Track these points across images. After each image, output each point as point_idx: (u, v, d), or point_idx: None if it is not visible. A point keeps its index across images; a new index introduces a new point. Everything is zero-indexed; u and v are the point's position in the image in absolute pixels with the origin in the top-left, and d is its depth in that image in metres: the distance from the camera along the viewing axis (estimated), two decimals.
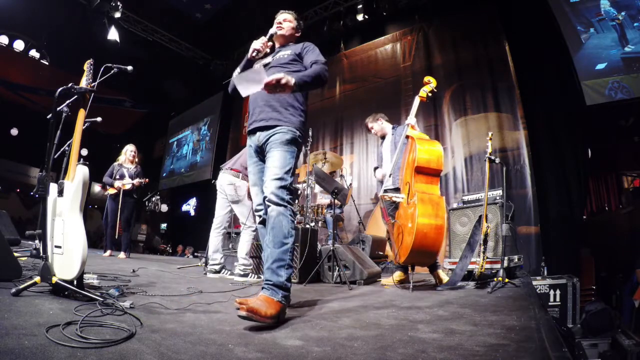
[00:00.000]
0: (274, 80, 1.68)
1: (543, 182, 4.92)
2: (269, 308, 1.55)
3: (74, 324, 1.24)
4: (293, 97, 2.03)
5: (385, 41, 7.18)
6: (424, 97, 3.16)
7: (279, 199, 1.83)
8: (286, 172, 1.89)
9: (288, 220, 1.82)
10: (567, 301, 3.58)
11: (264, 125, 1.98)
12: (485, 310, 1.91)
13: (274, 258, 1.74)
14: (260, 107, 2.03)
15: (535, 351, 1.21)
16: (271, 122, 1.97)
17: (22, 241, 4.28)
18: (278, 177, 1.87)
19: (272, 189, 1.85)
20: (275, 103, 2.00)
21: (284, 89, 1.73)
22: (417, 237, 2.59)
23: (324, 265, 3.48)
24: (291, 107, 2.01)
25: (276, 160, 1.91)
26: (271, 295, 1.64)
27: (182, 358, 1.08)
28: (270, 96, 1.96)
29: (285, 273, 1.72)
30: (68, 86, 1.85)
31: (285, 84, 1.72)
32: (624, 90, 4.45)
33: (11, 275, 1.88)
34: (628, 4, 4.51)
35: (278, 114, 1.98)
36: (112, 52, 7.37)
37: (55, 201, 1.78)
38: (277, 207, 1.83)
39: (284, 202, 1.84)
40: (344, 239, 5.76)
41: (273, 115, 1.98)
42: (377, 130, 3.73)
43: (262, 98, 2.02)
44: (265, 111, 2.00)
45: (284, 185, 1.87)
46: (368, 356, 1.17)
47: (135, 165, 5.39)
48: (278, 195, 1.84)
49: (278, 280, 1.69)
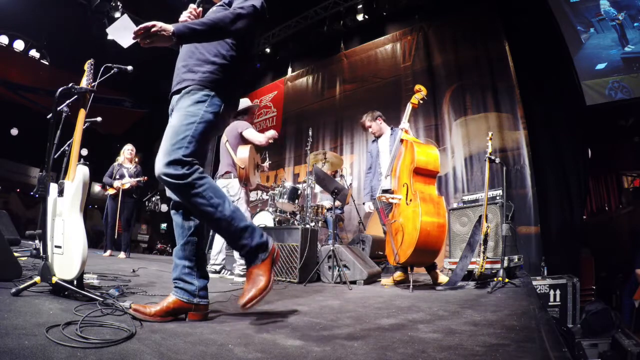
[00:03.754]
0: (141, 29, 1.42)
1: (543, 182, 4.92)
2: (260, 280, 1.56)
3: (74, 324, 1.24)
4: (215, 51, 1.66)
5: (385, 41, 7.18)
6: (415, 104, 3.31)
7: (171, 177, 1.47)
8: (179, 141, 1.50)
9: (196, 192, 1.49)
10: (567, 301, 3.57)
11: (176, 89, 1.67)
12: (485, 310, 1.91)
13: (228, 238, 1.64)
14: (177, 70, 1.73)
15: (535, 351, 1.21)
16: (182, 84, 1.65)
17: (22, 241, 4.28)
18: (166, 149, 1.49)
19: (160, 168, 1.48)
20: (190, 61, 1.68)
21: (158, 39, 1.46)
22: (422, 235, 2.62)
23: (324, 265, 3.48)
24: (209, 64, 1.65)
25: (170, 130, 1.54)
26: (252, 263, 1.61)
27: (182, 358, 1.08)
28: (187, 55, 1.69)
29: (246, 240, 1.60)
30: (68, 86, 1.85)
31: (156, 32, 1.43)
32: (624, 90, 4.45)
33: (11, 275, 1.88)
34: (628, 4, 4.51)
35: (192, 74, 1.64)
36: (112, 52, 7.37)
37: (55, 201, 1.78)
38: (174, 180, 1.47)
39: (178, 179, 1.47)
40: (344, 239, 5.76)
41: (185, 76, 1.65)
42: (376, 130, 3.76)
43: (182, 57, 1.73)
44: (179, 74, 1.70)
45: (174, 159, 1.47)
46: (368, 356, 1.17)
47: (135, 164, 5.39)
48: (168, 173, 1.47)
49: (246, 248, 1.61)
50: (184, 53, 1.74)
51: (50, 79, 9.67)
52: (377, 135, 3.79)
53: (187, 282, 1.58)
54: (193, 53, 1.69)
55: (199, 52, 1.68)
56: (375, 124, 3.73)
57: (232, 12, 1.60)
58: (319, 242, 3.93)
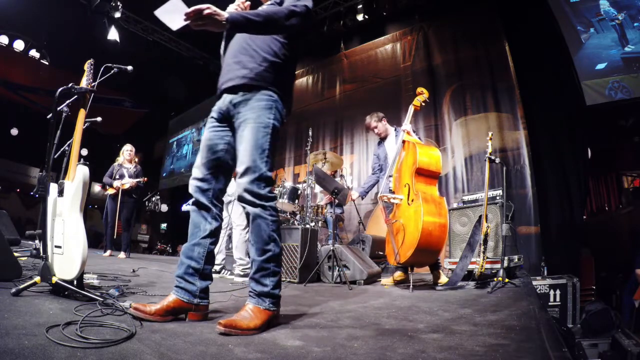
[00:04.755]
0: (194, 11, 1.38)
1: (543, 182, 4.92)
2: (253, 319, 1.43)
3: (74, 324, 1.24)
4: (268, 49, 1.63)
5: (385, 41, 7.18)
6: (417, 106, 3.32)
7: (254, 196, 1.50)
8: (261, 157, 1.52)
9: (268, 223, 1.52)
10: (567, 301, 3.57)
11: (231, 85, 1.62)
12: (485, 310, 1.91)
13: (255, 267, 1.53)
14: (228, 66, 1.68)
15: (535, 351, 1.21)
16: (239, 82, 1.60)
17: (22, 241, 4.28)
18: (249, 166, 1.50)
19: (244, 185, 1.50)
20: (243, 57, 1.63)
21: (210, 22, 1.41)
22: (423, 235, 2.63)
23: (324, 265, 3.48)
24: (265, 62, 1.61)
25: (246, 142, 1.53)
26: (256, 303, 1.50)
27: (182, 358, 1.08)
28: (239, 51, 1.65)
29: (270, 281, 1.53)
30: (68, 86, 1.85)
31: (209, 14, 1.39)
32: (624, 90, 4.45)
33: (11, 275, 1.88)
34: (628, 4, 4.51)
35: (248, 71, 1.60)
36: (112, 52, 7.37)
37: (55, 201, 1.78)
38: (252, 207, 1.52)
39: (260, 199, 1.51)
40: (344, 239, 5.76)
41: (242, 73, 1.60)
42: (382, 131, 3.78)
43: (232, 54, 1.68)
44: (233, 69, 1.64)
45: (259, 176, 1.51)
46: (368, 356, 1.17)
47: (135, 164, 5.39)
48: (252, 191, 1.50)
49: (262, 290, 1.52)
50: (235, 49, 1.68)
51: (50, 79, 9.68)
52: (382, 137, 3.81)
53: (189, 282, 1.57)
54: (246, 50, 1.65)
55: (252, 48, 1.64)
56: (381, 124, 3.77)
57: (287, 7, 1.58)
58: (319, 242, 3.94)
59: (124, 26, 8.24)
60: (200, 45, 9.55)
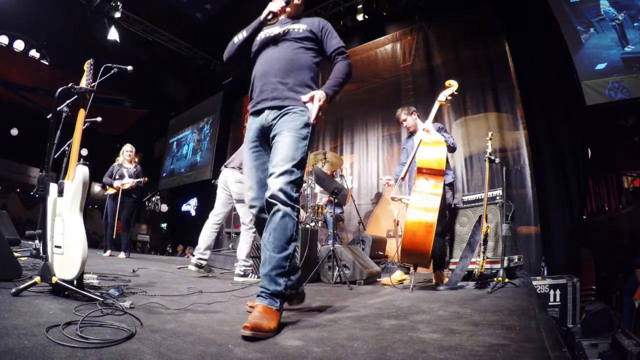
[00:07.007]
0: (317, 117, 1.65)
1: (543, 182, 4.92)
2: (271, 320, 1.42)
3: (74, 324, 1.24)
4: (309, 77, 1.83)
5: (385, 41, 7.18)
6: (443, 102, 3.18)
7: (287, 197, 1.58)
8: (296, 164, 1.64)
9: (294, 223, 1.59)
10: (567, 301, 3.58)
11: (276, 105, 1.75)
12: (485, 310, 1.91)
13: (272, 264, 1.54)
14: (273, 84, 1.78)
15: (535, 351, 1.21)
16: (286, 102, 1.75)
17: (22, 241, 4.28)
18: (287, 169, 1.61)
19: (280, 184, 1.58)
20: (290, 81, 1.78)
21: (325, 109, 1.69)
22: (406, 236, 2.61)
23: (324, 265, 3.48)
24: (308, 88, 1.79)
25: (286, 148, 1.65)
26: (269, 304, 1.49)
27: (182, 358, 1.08)
28: (284, 73, 1.79)
29: (284, 281, 1.55)
30: (68, 86, 1.85)
31: (324, 105, 1.67)
32: (624, 91, 4.45)
33: (11, 275, 1.88)
34: (628, 4, 4.51)
35: (294, 93, 1.76)
36: (112, 52, 7.37)
37: (55, 201, 1.78)
38: (283, 206, 1.58)
39: (291, 201, 1.60)
40: (344, 239, 5.76)
41: (289, 95, 1.76)
42: (411, 125, 3.64)
43: (274, 73, 1.79)
44: (278, 89, 1.77)
45: (294, 180, 1.62)
46: (368, 356, 1.17)
47: (135, 164, 5.39)
48: (286, 192, 1.58)
49: (276, 290, 1.52)
50: (279, 69, 1.79)
51: (50, 79, 9.69)
52: (411, 130, 3.69)
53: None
54: (290, 72, 1.80)
55: (296, 72, 1.80)
56: (411, 118, 3.64)
57: (349, 63, 1.86)
58: (319, 242, 3.93)
59: (124, 26, 8.25)
60: (200, 46, 9.57)
